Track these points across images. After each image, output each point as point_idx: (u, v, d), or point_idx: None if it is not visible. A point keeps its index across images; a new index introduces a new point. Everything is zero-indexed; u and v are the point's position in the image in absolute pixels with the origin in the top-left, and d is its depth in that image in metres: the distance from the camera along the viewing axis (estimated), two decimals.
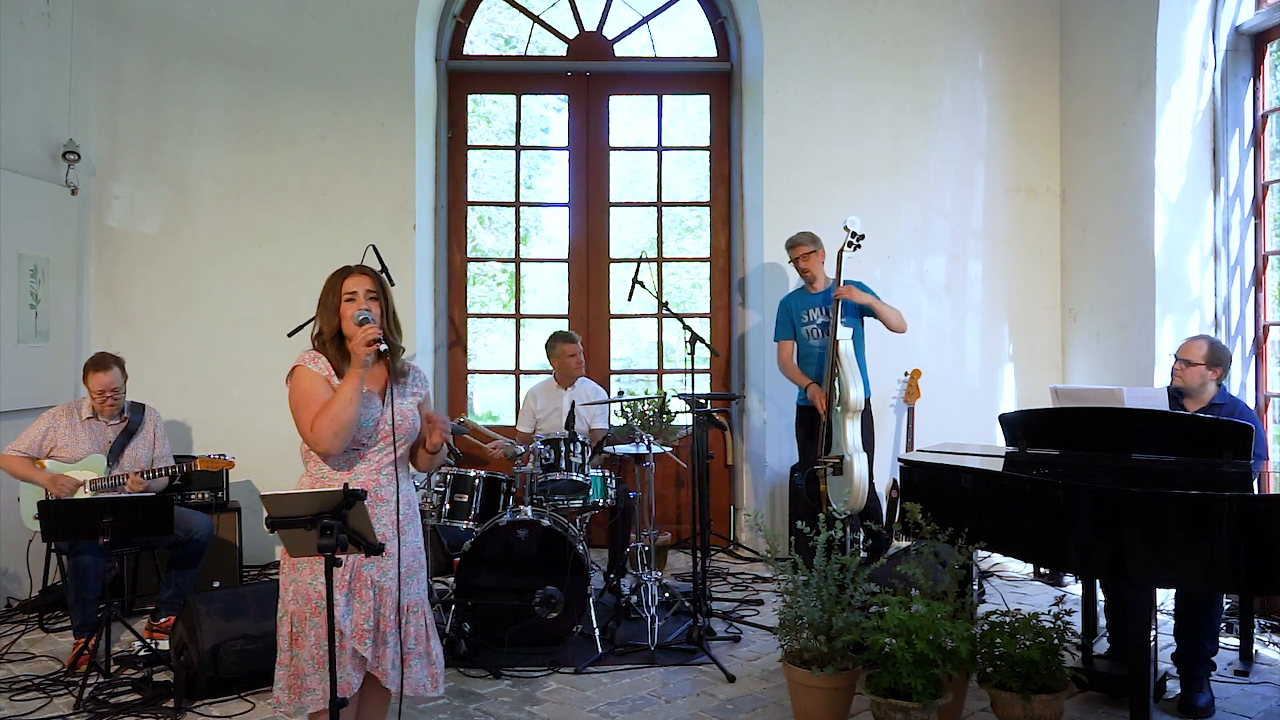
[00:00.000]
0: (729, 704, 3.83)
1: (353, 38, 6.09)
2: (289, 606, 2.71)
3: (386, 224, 6.06)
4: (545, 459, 4.67)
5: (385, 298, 2.82)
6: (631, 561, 5.02)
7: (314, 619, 2.66)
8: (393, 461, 2.78)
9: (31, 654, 4.43)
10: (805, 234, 5.43)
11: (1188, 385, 4.02)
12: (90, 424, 4.68)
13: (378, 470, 2.75)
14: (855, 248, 5.15)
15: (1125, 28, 5.55)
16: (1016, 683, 3.28)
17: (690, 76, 6.75)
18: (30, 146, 5.39)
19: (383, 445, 2.76)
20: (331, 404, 2.66)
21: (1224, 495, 3.02)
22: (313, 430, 2.66)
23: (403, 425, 2.78)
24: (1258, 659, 4.18)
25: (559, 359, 5.55)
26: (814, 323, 5.37)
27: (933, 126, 6.30)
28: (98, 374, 4.62)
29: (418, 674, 2.78)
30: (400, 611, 2.75)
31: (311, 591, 2.67)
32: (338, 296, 2.77)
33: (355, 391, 2.65)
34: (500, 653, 4.24)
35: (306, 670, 2.66)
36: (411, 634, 2.78)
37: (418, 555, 2.86)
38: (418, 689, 2.78)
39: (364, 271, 2.82)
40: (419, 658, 2.80)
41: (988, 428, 5.59)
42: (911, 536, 3.80)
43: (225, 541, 5.29)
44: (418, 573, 2.84)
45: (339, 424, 2.64)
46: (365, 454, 2.75)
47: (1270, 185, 5.12)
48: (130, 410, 4.80)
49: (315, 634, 2.66)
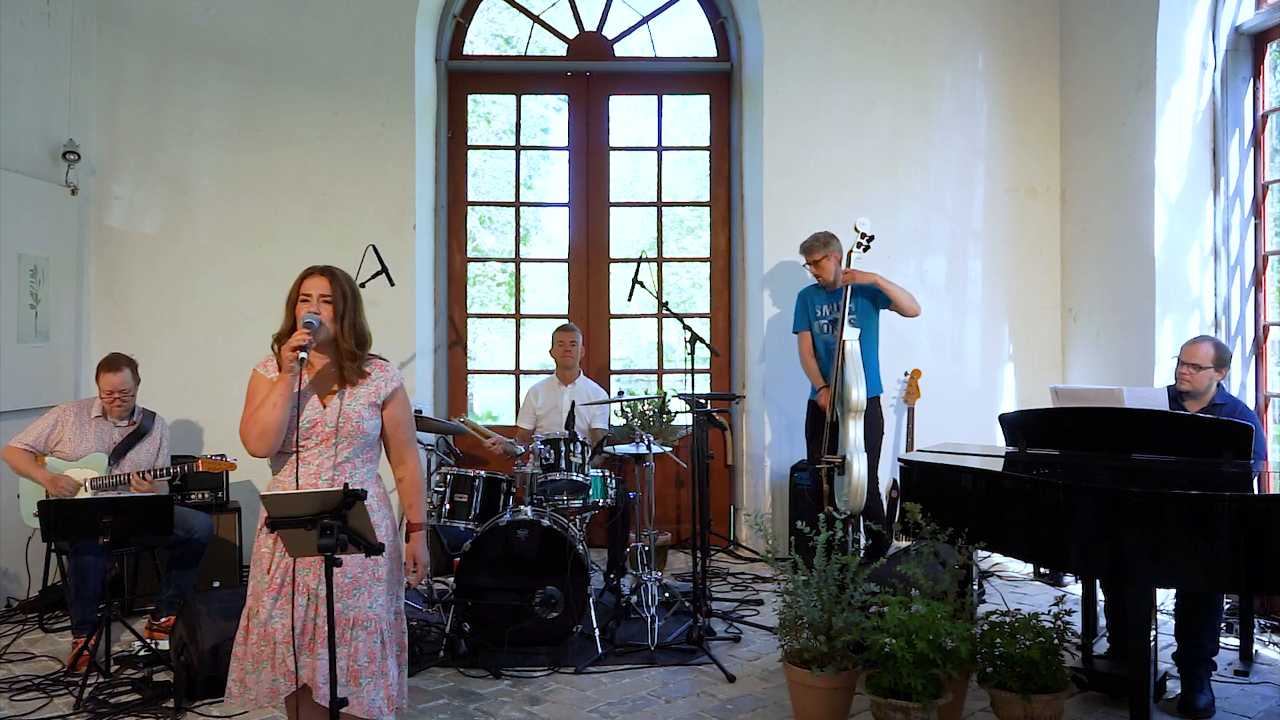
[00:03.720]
0: (729, 704, 3.83)
1: (353, 38, 6.09)
2: (248, 600, 2.74)
3: (386, 224, 6.06)
4: (545, 459, 4.67)
5: (345, 302, 2.76)
6: (631, 561, 5.02)
7: (256, 617, 2.69)
8: (334, 465, 2.73)
9: (31, 654, 4.43)
10: (817, 239, 5.35)
11: (1196, 389, 4.00)
12: (98, 423, 4.68)
13: (316, 475, 2.71)
14: (865, 249, 5.16)
15: (1125, 28, 5.55)
16: (1016, 683, 3.28)
17: (690, 76, 6.75)
18: (30, 146, 5.39)
19: (323, 448, 2.73)
20: (259, 407, 2.68)
21: (1224, 495, 3.02)
22: (242, 430, 2.70)
23: (343, 428, 2.73)
24: (1258, 659, 4.18)
25: (554, 346, 5.65)
26: (825, 318, 5.38)
27: (933, 126, 6.30)
28: (109, 374, 4.63)
29: (369, 693, 2.66)
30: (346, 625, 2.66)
31: (258, 587, 2.70)
32: (296, 295, 2.78)
33: (280, 396, 2.65)
34: (500, 653, 4.24)
35: (248, 668, 2.68)
36: (362, 650, 2.67)
37: (369, 567, 2.72)
38: (369, 710, 2.66)
39: (324, 273, 2.78)
40: (371, 677, 2.67)
41: (988, 428, 5.59)
42: (911, 536, 3.79)
43: (225, 541, 5.30)
44: (370, 586, 2.72)
45: (261, 426, 2.66)
46: (304, 455, 2.71)
47: (1270, 185, 5.12)
48: (142, 416, 4.81)
49: (256, 633, 2.68)
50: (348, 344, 2.77)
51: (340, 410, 2.74)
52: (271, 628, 2.66)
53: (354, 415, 2.76)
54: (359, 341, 2.80)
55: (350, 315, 2.78)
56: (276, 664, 2.65)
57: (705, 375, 6.58)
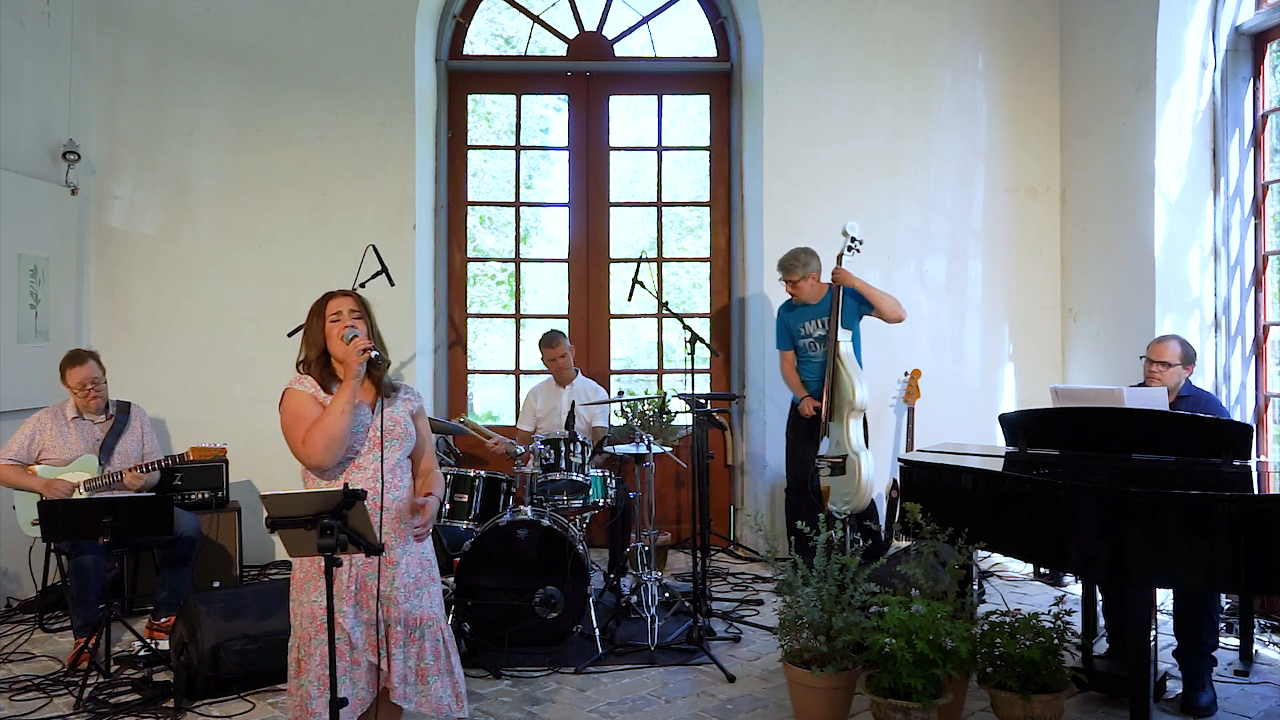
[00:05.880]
0: (729, 704, 3.83)
1: (353, 38, 6.09)
2: (297, 633, 2.72)
3: (386, 224, 6.06)
4: (545, 459, 4.67)
5: (369, 317, 2.85)
6: (631, 561, 5.02)
7: (319, 636, 2.65)
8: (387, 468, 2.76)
9: (31, 654, 4.43)
10: (797, 259, 5.30)
11: (1166, 385, 4.07)
12: (77, 423, 4.66)
13: (373, 479, 2.74)
14: (854, 252, 5.18)
15: (1125, 28, 5.55)
16: (1016, 683, 3.28)
17: (690, 76, 6.75)
18: (30, 146, 5.39)
19: (375, 453, 2.76)
20: (324, 416, 2.68)
21: (1224, 495, 3.02)
22: (305, 444, 2.68)
23: (394, 430, 2.78)
24: (1258, 659, 4.18)
25: (546, 363, 5.63)
26: (811, 335, 5.37)
27: (933, 126, 6.30)
28: (75, 368, 4.61)
29: (439, 692, 2.75)
30: (413, 625, 2.73)
31: (318, 610, 2.66)
32: (323, 320, 2.80)
33: (348, 403, 2.67)
34: (500, 653, 4.24)
35: (313, 694, 2.65)
36: (429, 650, 2.75)
37: (427, 567, 2.83)
38: (440, 708, 2.75)
39: (346, 294, 2.86)
40: (438, 675, 2.76)
41: (988, 428, 5.59)
42: (911, 536, 3.79)
43: (225, 541, 5.29)
44: (428, 585, 2.81)
45: (330, 435, 2.66)
46: (359, 461, 2.75)
47: (1270, 185, 5.12)
48: (116, 409, 4.79)
49: (320, 652, 2.65)
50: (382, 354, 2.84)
51: (387, 415, 2.79)
52: (352, 637, 2.67)
53: (401, 419, 2.83)
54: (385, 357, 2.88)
55: (377, 331, 2.87)
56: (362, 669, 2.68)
57: (705, 375, 6.58)
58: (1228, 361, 5.17)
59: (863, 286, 5.19)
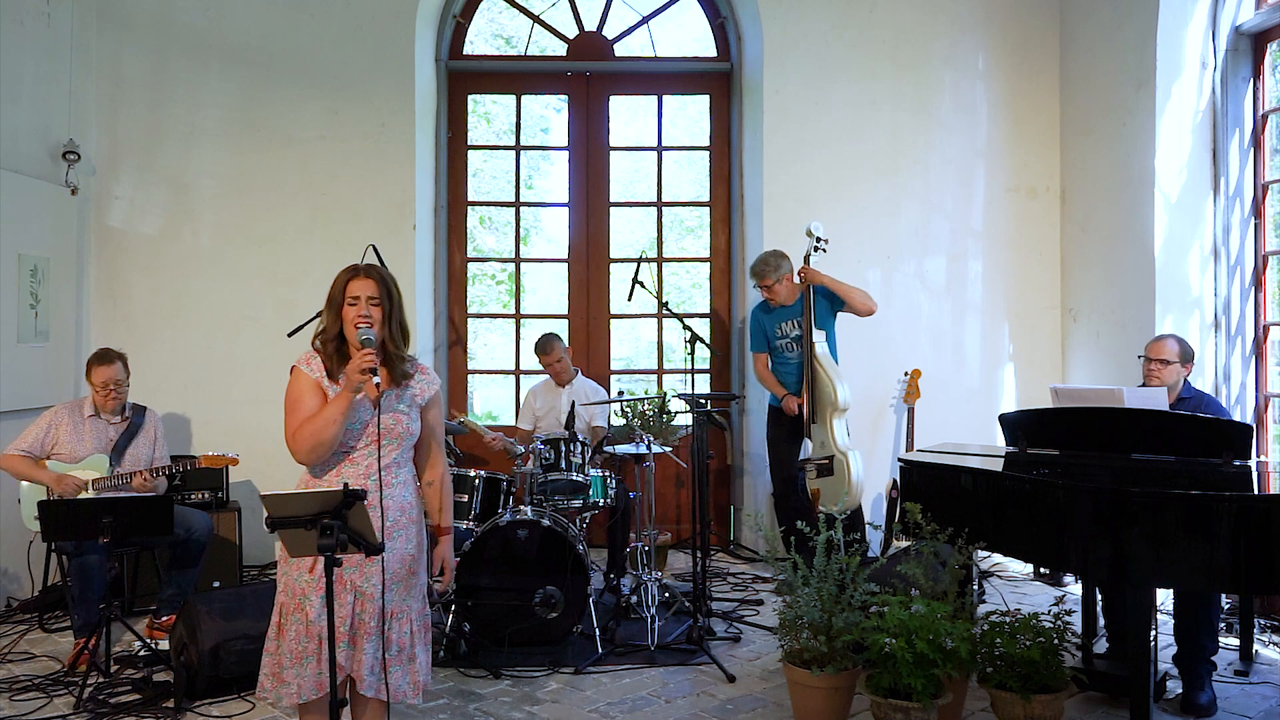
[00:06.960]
0: (729, 704, 3.83)
1: (353, 38, 6.09)
2: (280, 597, 2.75)
3: (386, 224, 6.06)
4: (545, 459, 4.67)
5: (391, 302, 2.77)
6: (631, 561, 5.02)
7: (296, 614, 2.69)
8: (382, 466, 2.74)
9: (31, 654, 4.43)
10: (768, 263, 5.38)
11: (1164, 384, 4.07)
12: (93, 422, 4.67)
13: (366, 475, 2.72)
14: (821, 252, 5.21)
15: (1125, 28, 5.55)
16: (1016, 683, 3.28)
17: (690, 76, 6.75)
18: (30, 146, 5.39)
19: (372, 449, 2.74)
20: (315, 419, 2.66)
21: (1224, 495, 3.02)
22: (294, 439, 2.69)
23: (393, 430, 2.74)
24: (1258, 659, 4.18)
25: (544, 368, 5.63)
26: (787, 336, 5.40)
27: (933, 126, 6.30)
28: (102, 367, 4.63)
29: (397, 680, 2.74)
30: (385, 619, 2.71)
31: (297, 587, 2.70)
32: (342, 297, 2.75)
33: (340, 414, 2.65)
34: (500, 653, 4.24)
35: (285, 664, 2.68)
36: (394, 640, 2.74)
37: (407, 563, 2.78)
38: (396, 695, 2.73)
39: (370, 275, 2.76)
40: (400, 664, 2.75)
41: (988, 428, 5.59)
42: (911, 536, 3.80)
43: (225, 541, 5.29)
44: (405, 580, 2.78)
45: (317, 440, 2.65)
46: (353, 457, 2.73)
47: (1270, 185, 5.12)
48: (133, 411, 4.80)
49: (296, 629, 2.68)
50: (394, 346, 2.79)
51: (390, 411, 2.75)
52: (320, 625, 2.65)
53: (403, 416, 2.78)
54: (404, 341, 2.83)
55: (397, 316, 2.80)
56: (323, 659, 2.66)
57: (705, 375, 6.58)
58: (1228, 361, 5.17)
59: (831, 283, 5.23)
